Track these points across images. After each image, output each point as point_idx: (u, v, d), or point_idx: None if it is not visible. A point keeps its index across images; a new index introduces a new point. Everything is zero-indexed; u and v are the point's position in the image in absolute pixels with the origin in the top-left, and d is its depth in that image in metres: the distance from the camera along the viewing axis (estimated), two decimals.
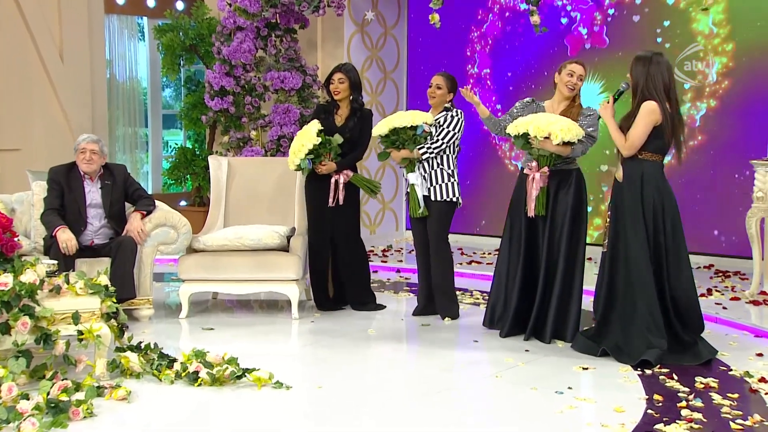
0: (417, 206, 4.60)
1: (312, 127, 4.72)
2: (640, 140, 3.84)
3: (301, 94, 6.99)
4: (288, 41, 7.03)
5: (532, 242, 4.26)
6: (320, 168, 4.75)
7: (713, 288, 5.56)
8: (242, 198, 5.29)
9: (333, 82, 4.83)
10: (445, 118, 4.60)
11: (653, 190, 3.89)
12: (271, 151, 6.81)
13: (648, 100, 3.81)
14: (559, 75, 4.23)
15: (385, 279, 6.06)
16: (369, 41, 8.01)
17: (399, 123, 4.50)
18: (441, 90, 4.65)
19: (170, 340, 4.31)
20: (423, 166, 4.59)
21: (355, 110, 4.88)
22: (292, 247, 4.83)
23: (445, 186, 4.59)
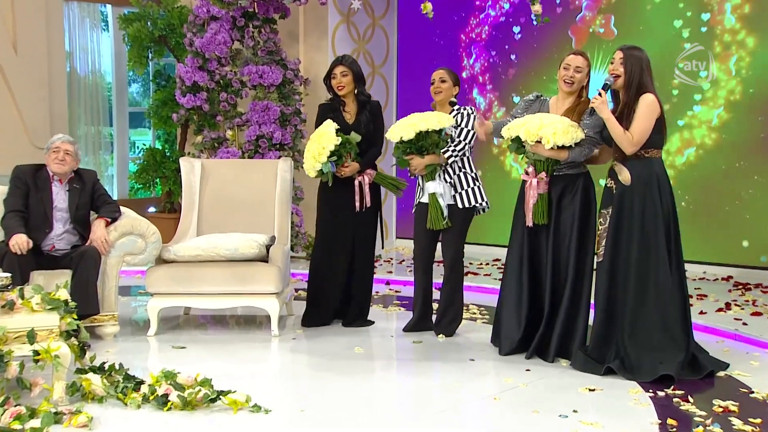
0: (441, 217, 4.56)
1: (328, 127, 4.70)
2: (645, 136, 3.88)
3: (282, 91, 6.99)
4: (267, 32, 7.04)
5: (535, 254, 4.27)
6: (343, 170, 4.73)
7: (732, 302, 5.58)
8: (217, 204, 5.29)
9: (335, 77, 4.83)
10: (462, 116, 4.61)
11: (668, 192, 3.94)
12: (249, 152, 6.81)
13: (645, 93, 3.87)
14: (559, 69, 4.26)
15: (374, 292, 6.03)
16: (356, 33, 8.03)
17: (426, 126, 4.46)
18: (446, 83, 4.65)
19: (137, 360, 4.29)
20: (447, 171, 4.59)
21: (364, 104, 4.90)
22: (271, 257, 4.83)
23: (472, 191, 4.61)
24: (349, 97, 4.89)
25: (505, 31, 7.66)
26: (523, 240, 4.27)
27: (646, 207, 3.91)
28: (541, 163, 4.15)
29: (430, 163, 4.53)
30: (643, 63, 3.88)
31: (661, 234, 3.88)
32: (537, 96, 4.37)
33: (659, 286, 3.88)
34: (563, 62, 4.23)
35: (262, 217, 5.23)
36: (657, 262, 3.87)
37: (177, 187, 7.54)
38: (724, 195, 6.56)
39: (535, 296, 4.26)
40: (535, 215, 4.19)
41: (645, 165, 3.92)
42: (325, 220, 4.91)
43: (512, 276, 4.31)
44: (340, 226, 4.85)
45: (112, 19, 8.31)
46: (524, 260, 4.26)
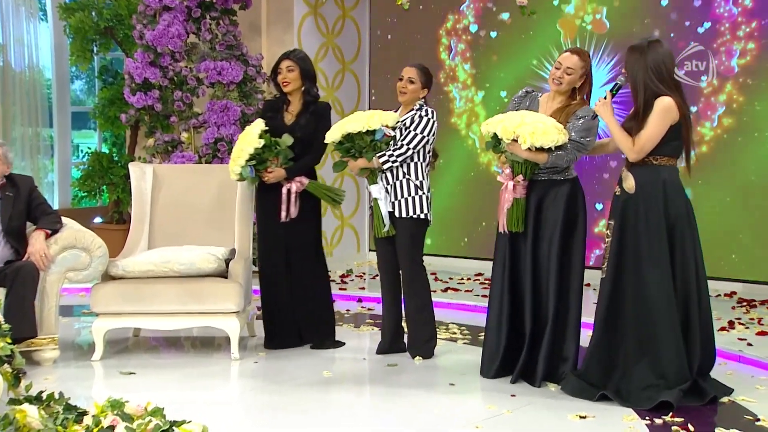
0: (381, 224, 4.62)
1: (254, 127, 4.75)
2: (652, 143, 3.88)
3: (243, 89, 6.99)
4: (226, 25, 7.03)
5: (515, 266, 4.29)
6: (266, 176, 4.77)
7: (736, 320, 5.62)
8: (171, 214, 5.28)
9: (280, 72, 4.86)
10: (412, 119, 4.62)
11: (680, 202, 3.93)
12: (207, 156, 6.79)
13: (662, 96, 3.85)
14: (552, 68, 4.30)
15: (344, 310, 6.05)
16: (324, 25, 8.04)
17: (353, 127, 4.52)
18: (414, 85, 4.66)
19: (80, 388, 4.25)
20: (386, 176, 4.61)
21: (308, 104, 4.92)
22: (231, 272, 4.82)
23: (411, 200, 4.61)
24: (295, 96, 4.91)
25: (489, 24, 7.70)
26: (505, 250, 4.29)
27: (649, 217, 3.91)
28: (518, 165, 4.16)
29: (363, 166, 4.59)
30: (649, 63, 3.83)
31: (665, 248, 3.88)
32: (527, 92, 4.38)
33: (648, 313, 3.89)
34: (556, 59, 4.27)
35: (222, 228, 5.21)
36: (661, 278, 3.88)
37: (126, 196, 7.48)
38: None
39: (516, 313, 4.27)
40: (510, 222, 4.19)
41: (651, 172, 3.92)
42: (261, 229, 4.96)
43: (495, 290, 4.33)
44: (270, 234, 4.90)
45: (52, 8, 8.20)
46: (506, 273, 4.28)
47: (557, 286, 4.17)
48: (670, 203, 3.91)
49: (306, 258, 4.93)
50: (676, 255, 3.91)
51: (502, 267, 4.29)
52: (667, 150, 3.92)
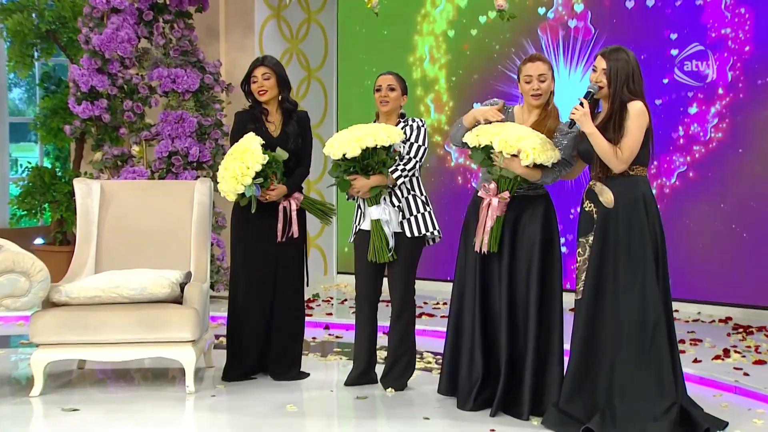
0: (385, 248, 4.59)
1: (252, 142, 4.71)
2: (637, 149, 3.95)
3: (199, 98, 7.01)
4: (181, 28, 7.05)
5: (487, 289, 4.32)
6: (269, 194, 4.77)
7: (731, 348, 5.66)
8: (120, 234, 5.26)
9: (255, 80, 4.87)
10: (411, 129, 4.68)
11: (656, 215, 4.01)
12: (160, 172, 6.78)
13: (633, 101, 3.95)
14: (519, 83, 4.34)
15: (311, 338, 6.04)
16: (288, 29, 8.06)
17: (374, 141, 4.47)
18: (395, 92, 4.71)
19: (17, 428, 4.20)
20: (395, 194, 4.64)
21: (289, 113, 4.94)
22: (187, 297, 4.81)
23: (422, 217, 4.65)
24: (272, 105, 4.94)
25: (464, 29, 7.78)
26: (476, 269, 4.32)
27: (632, 233, 3.96)
28: (506, 180, 4.20)
29: (376, 184, 4.57)
30: (630, 67, 3.95)
31: (651, 265, 3.94)
32: (501, 102, 4.41)
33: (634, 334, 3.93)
34: (522, 73, 4.29)
35: (176, 250, 5.21)
36: (645, 298, 3.93)
37: (70, 215, 7.44)
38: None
39: (491, 339, 4.30)
40: (489, 241, 4.23)
41: (630, 184, 3.98)
42: (243, 253, 4.92)
43: (465, 315, 4.34)
44: (260, 259, 4.87)
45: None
46: (477, 295, 4.30)
47: (538, 308, 4.21)
48: (651, 218, 3.98)
49: (292, 284, 4.94)
50: (659, 272, 3.97)
51: (473, 289, 4.31)
52: (641, 158, 4.00)
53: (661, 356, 3.91)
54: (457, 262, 4.45)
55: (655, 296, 3.92)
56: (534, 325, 4.20)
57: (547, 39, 7.38)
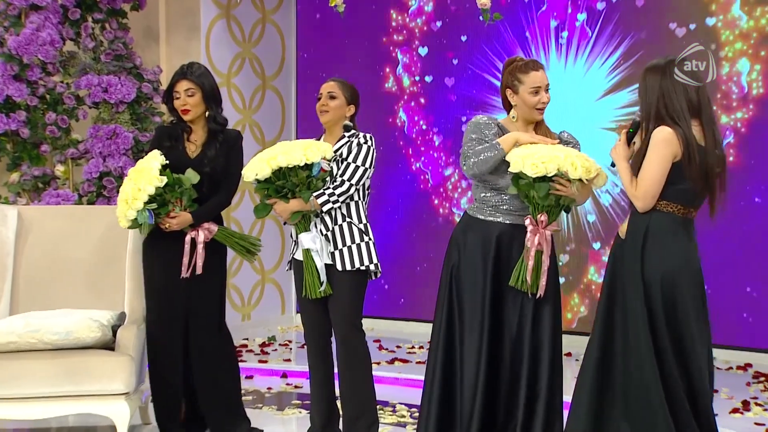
0: (316, 282, 4.61)
1: (151, 161, 4.73)
2: (654, 183, 3.92)
3: (136, 110, 6.97)
4: (114, 29, 7.01)
5: (497, 326, 4.32)
6: (168, 222, 4.76)
7: (751, 400, 5.67)
8: (41, 268, 5.22)
9: (177, 95, 4.88)
10: (350, 148, 4.66)
11: (660, 254, 3.97)
12: (89, 195, 6.74)
13: (660, 126, 3.92)
14: (516, 94, 4.34)
15: (265, 388, 6.01)
16: (239, 31, 8.06)
17: (287, 161, 4.50)
18: (336, 100, 4.71)
19: None
20: (324, 221, 4.63)
21: (215, 132, 4.93)
22: (120, 342, 4.78)
23: (357, 248, 4.63)
24: (198, 123, 4.93)
25: (442, 32, 7.84)
26: (483, 309, 4.30)
27: (624, 274, 4.02)
28: (556, 210, 4.26)
29: (297, 209, 4.57)
30: (662, 85, 3.93)
31: (641, 312, 3.94)
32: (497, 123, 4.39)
33: (631, 383, 3.96)
34: (525, 82, 4.31)
35: (108, 287, 5.18)
36: (637, 351, 3.94)
37: None
38: None
39: (496, 380, 4.30)
40: (517, 277, 4.25)
41: (642, 217, 4.01)
42: (152, 286, 4.92)
43: (469, 359, 4.30)
44: (165, 298, 4.87)
45: None
46: (484, 332, 4.28)
47: (552, 345, 4.27)
48: (647, 255, 3.97)
49: (209, 326, 4.93)
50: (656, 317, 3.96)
51: (479, 333, 4.29)
52: (669, 194, 3.97)
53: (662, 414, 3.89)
54: (445, 302, 4.41)
55: (643, 353, 3.92)
56: (547, 367, 4.24)
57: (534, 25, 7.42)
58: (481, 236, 4.34)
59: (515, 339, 4.29)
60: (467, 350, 4.32)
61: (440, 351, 4.40)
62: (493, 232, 4.31)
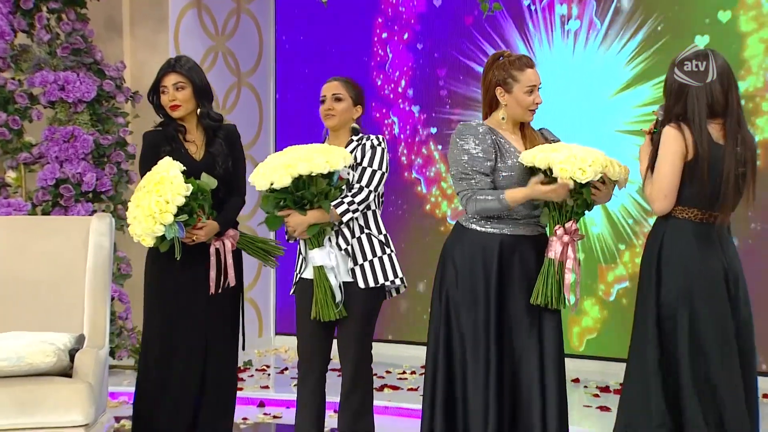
0: (331, 303, 4.57)
1: (169, 168, 4.66)
2: (665, 182, 3.97)
3: (96, 110, 6.98)
4: (72, 20, 7.02)
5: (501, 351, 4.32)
6: (197, 234, 4.72)
7: None
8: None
9: (165, 90, 4.86)
10: (363, 151, 4.65)
11: (675, 266, 4.00)
12: (44, 205, 6.74)
13: (666, 125, 3.99)
14: (509, 93, 4.36)
15: (240, 419, 5.99)
16: (211, 23, 8.06)
17: (308, 168, 4.44)
18: (342, 103, 4.70)
19: None
20: (342, 234, 4.61)
21: (213, 130, 4.92)
22: (78, 369, 4.72)
23: (380, 262, 4.62)
24: (190, 121, 4.91)
25: (436, 23, 7.84)
26: (488, 328, 4.29)
27: (642, 286, 4.07)
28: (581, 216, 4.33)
29: (315, 222, 4.53)
30: (676, 79, 3.99)
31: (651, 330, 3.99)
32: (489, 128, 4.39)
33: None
34: (521, 80, 4.33)
35: (65, 306, 5.13)
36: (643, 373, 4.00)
37: None
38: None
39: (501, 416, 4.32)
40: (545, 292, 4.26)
41: (659, 225, 4.09)
42: (161, 311, 4.87)
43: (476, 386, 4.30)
44: (187, 321, 4.83)
45: None
46: (492, 361, 4.28)
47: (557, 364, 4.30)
48: (663, 265, 4.02)
49: (228, 349, 4.93)
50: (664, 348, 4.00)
51: (484, 355, 4.29)
52: (684, 198, 4.00)
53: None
54: (441, 326, 4.40)
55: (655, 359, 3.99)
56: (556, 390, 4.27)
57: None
58: (480, 251, 4.32)
59: (520, 361, 4.30)
60: (472, 379, 4.31)
61: (440, 378, 4.37)
62: (494, 246, 4.31)
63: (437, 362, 4.40)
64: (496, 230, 4.32)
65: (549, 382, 4.28)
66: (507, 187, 4.27)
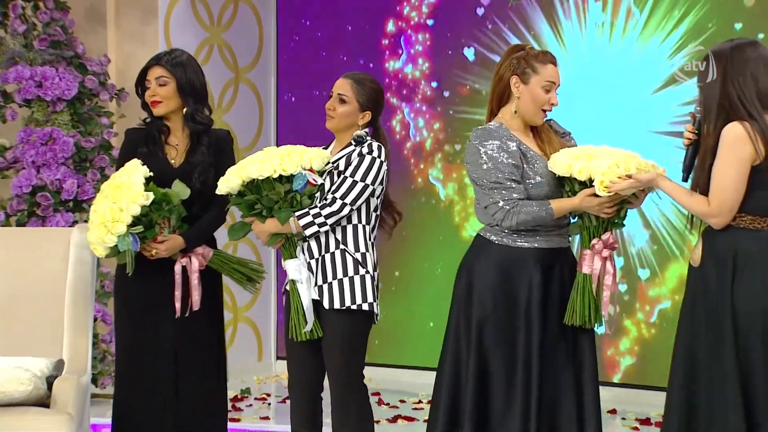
0: (301, 320, 4.59)
1: (132, 173, 4.67)
2: (731, 192, 3.91)
3: (78, 110, 7.01)
4: (50, 9, 7.03)
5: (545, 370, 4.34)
6: (155, 248, 4.72)
7: None
8: None
9: (149, 85, 4.88)
10: (349, 159, 4.64)
11: (760, 285, 3.96)
12: (19, 215, 6.77)
13: (731, 122, 3.92)
14: (525, 84, 4.37)
15: None
16: (206, 13, 8.07)
17: (258, 171, 4.48)
18: (345, 106, 4.69)
19: None
20: (309, 247, 4.62)
21: (198, 135, 4.92)
22: (57, 397, 4.73)
23: (349, 282, 4.60)
24: (174, 121, 4.91)
25: (455, 12, 7.82)
26: (530, 350, 4.29)
27: (707, 308, 4.01)
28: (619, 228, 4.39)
29: (276, 231, 4.58)
30: (728, 74, 3.94)
31: (729, 353, 3.94)
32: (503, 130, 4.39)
33: None
34: (542, 74, 4.35)
35: (42, 328, 5.15)
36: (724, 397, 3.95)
37: None
38: None
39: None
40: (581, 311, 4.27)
41: (725, 238, 4.00)
42: (128, 331, 4.89)
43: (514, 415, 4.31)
44: (154, 340, 4.84)
45: None
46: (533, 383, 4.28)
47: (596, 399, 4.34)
48: (738, 286, 3.97)
49: (204, 377, 4.90)
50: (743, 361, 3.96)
51: (524, 384, 4.28)
52: (750, 204, 3.96)
53: None
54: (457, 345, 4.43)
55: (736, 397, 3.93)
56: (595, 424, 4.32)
57: None
58: (511, 266, 4.33)
59: (557, 387, 4.31)
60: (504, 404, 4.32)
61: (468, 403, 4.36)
62: (527, 261, 4.32)
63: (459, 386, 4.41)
64: (528, 244, 4.32)
65: (588, 415, 4.31)
66: (537, 197, 4.28)
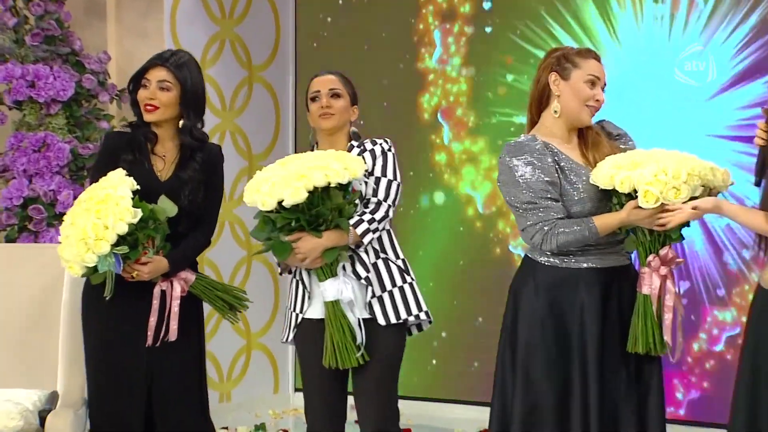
0: (351, 346, 4.60)
1: (118, 185, 4.68)
2: None
3: (74, 112, 7.04)
4: (44, 2, 7.07)
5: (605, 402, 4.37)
6: (138, 270, 4.72)
7: None
8: None
9: (147, 85, 4.88)
10: (374, 156, 4.73)
11: None
12: (9, 230, 6.80)
13: None
14: (565, 80, 4.42)
15: None
16: (216, 5, 8.08)
17: (324, 177, 4.46)
18: (341, 100, 4.79)
19: None
20: (360, 259, 4.66)
21: (191, 149, 4.93)
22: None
23: (400, 293, 4.68)
24: (167, 129, 4.93)
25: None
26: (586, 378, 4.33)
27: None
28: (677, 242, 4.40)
29: (333, 245, 4.57)
30: None
31: None
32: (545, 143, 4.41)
33: None
34: (583, 68, 4.43)
35: (34, 357, 5.24)
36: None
37: None
38: None
39: None
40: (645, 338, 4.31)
41: None
42: (101, 358, 4.89)
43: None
44: (125, 369, 4.85)
45: None
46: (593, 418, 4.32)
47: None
48: None
49: (185, 408, 4.92)
50: None
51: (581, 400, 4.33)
52: None
53: None
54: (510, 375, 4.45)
55: None
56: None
57: None
58: (563, 289, 4.37)
59: (617, 421, 4.36)
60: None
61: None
62: (580, 282, 4.37)
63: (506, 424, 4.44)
64: (581, 264, 4.36)
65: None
66: (580, 215, 4.33)
